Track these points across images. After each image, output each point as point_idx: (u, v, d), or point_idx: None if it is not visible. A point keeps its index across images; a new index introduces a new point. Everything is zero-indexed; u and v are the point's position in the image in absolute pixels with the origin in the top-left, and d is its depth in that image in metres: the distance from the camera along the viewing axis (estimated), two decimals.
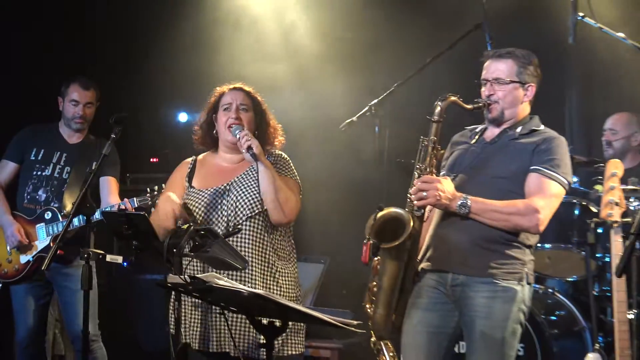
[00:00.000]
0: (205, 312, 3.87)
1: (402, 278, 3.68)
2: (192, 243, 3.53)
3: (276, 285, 3.91)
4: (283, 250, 4.00)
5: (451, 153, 3.93)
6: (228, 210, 3.90)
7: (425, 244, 3.81)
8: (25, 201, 5.14)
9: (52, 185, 5.14)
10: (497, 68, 3.78)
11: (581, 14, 4.97)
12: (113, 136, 4.32)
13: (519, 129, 3.77)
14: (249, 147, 3.82)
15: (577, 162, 4.87)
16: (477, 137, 3.87)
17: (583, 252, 5.26)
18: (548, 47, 5.35)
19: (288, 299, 3.84)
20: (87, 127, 5.30)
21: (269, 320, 3.33)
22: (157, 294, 3.59)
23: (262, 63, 6.28)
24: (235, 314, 3.80)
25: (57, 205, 5.08)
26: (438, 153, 3.74)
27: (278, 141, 4.10)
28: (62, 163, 5.18)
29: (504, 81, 3.75)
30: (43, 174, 5.15)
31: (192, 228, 3.50)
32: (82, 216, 4.65)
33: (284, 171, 4.02)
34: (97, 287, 4.98)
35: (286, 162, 4.07)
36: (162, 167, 6.67)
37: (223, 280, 3.26)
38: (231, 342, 3.79)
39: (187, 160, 4.19)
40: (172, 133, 7.15)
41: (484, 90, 3.80)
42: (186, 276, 3.27)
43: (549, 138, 3.72)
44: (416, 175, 3.68)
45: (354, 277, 5.85)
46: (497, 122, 3.80)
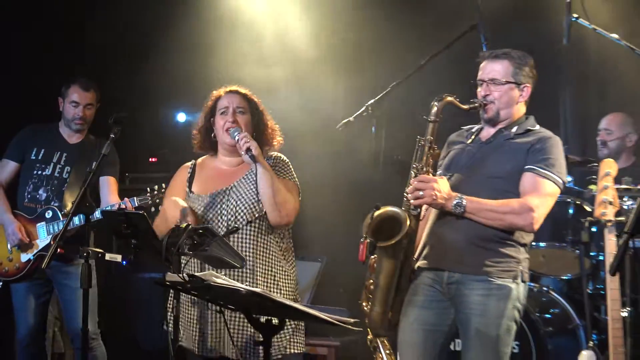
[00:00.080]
0: (203, 311, 3.87)
1: (399, 276, 3.68)
2: (191, 242, 3.53)
3: (276, 287, 3.92)
4: (282, 251, 4.00)
5: (448, 153, 3.93)
6: (228, 215, 3.90)
7: (422, 243, 3.81)
8: (26, 200, 5.14)
9: (52, 184, 5.14)
10: (493, 69, 3.78)
11: (575, 15, 5.00)
12: (112, 136, 4.32)
13: (514, 129, 3.77)
14: (248, 149, 3.82)
15: (571, 162, 4.84)
16: (473, 137, 3.88)
17: (577, 251, 5.25)
18: (543, 47, 5.32)
19: (288, 300, 3.82)
20: (87, 127, 5.30)
21: (267, 318, 3.35)
22: (156, 292, 3.59)
23: (259, 64, 6.27)
24: (233, 314, 3.81)
25: (57, 205, 5.08)
26: (434, 153, 3.74)
27: (276, 142, 4.10)
28: (62, 163, 5.18)
29: (499, 82, 3.76)
30: (43, 173, 5.15)
31: (190, 227, 3.51)
32: (82, 215, 4.66)
33: (283, 173, 4.02)
34: (96, 285, 4.97)
35: (285, 164, 4.07)
36: (160, 167, 6.68)
37: (221, 278, 3.26)
38: (229, 341, 3.80)
39: (186, 165, 4.18)
40: (171, 133, 7.12)
41: (480, 91, 3.81)
42: (184, 274, 3.28)
43: (543, 138, 3.72)
44: (413, 174, 3.68)
45: (350, 276, 5.86)
46: (492, 122, 3.80)
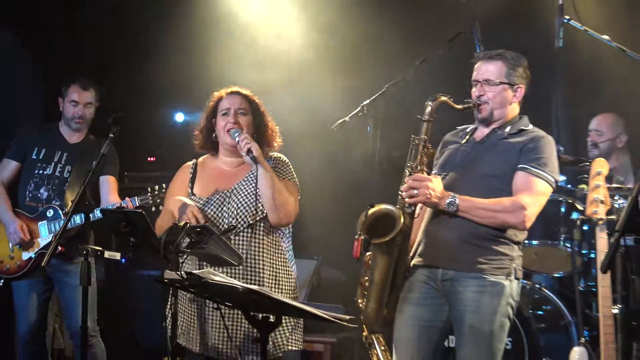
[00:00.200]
0: (202, 308, 3.89)
1: (393, 273, 3.70)
2: (189, 240, 3.55)
3: (278, 286, 3.94)
4: (283, 250, 4.02)
5: (443, 152, 3.94)
6: (229, 218, 3.91)
7: (417, 241, 3.83)
8: (27, 199, 5.16)
9: (53, 183, 5.15)
10: (487, 69, 3.80)
11: (567, 17, 5.00)
12: (111, 136, 4.34)
13: (507, 129, 3.79)
14: (249, 150, 3.83)
15: (563, 161, 4.85)
16: (467, 137, 3.89)
17: (569, 249, 5.25)
18: (535, 49, 5.29)
19: (288, 298, 3.84)
20: (87, 127, 5.31)
21: (264, 315, 3.37)
22: (155, 289, 3.62)
23: (254, 65, 6.26)
24: (232, 311, 3.83)
25: (58, 204, 5.10)
26: (429, 151, 3.76)
27: (277, 143, 4.11)
28: (63, 162, 5.19)
29: (493, 82, 3.77)
30: (44, 172, 5.17)
31: (188, 225, 3.52)
32: (82, 214, 4.69)
33: (283, 174, 4.03)
34: (96, 283, 4.99)
35: (285, 164, 4.08)
36: (158, 166, 6.71)
37: (219, 276, 3.28)
38: (227, 338, 3.82)
39: (187, 164, 4.18)
40: (169, 133, 7.12)
41: (474, 91, 3.82)
42: (182, 272, 3.30)
43: (536, 137, 3.74)
44: (407, 173, 3.70)
45: (346, 274, 5.90)
46: (486, 122, 3.82)
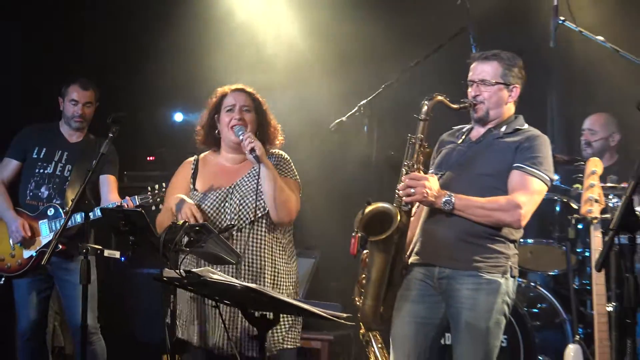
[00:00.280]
0: (201, 306, 3.91)
1: (390, 270, 3.71)
2: (187, 238, 3.57)
3: (278, 283, 3.96)
4: (284, 247, 4.04)
5: (439, 152, 3.96)
6: (231, 214, 3.93)
7: (414, 239, 3.85)
8: (28, 198, 5.17)
9: (54, 182, 5.17)
10: (483, 70, 3.82)
11: (562, 18, 5.02)
12: (111, 135, 4.37)
13: (503, 128, 3.81)
14: (252, 149, 3.84)
15: (558, 161, 4.86)
16: (463, 136, 3.91)
17: (564, 247, 5.27)
18: (531, 49, 5.32)
19: (288, 295, 3.88)
20: (87, 126, 5.33)
21: (261, 313, 3.39)
22: (154, 287, 3.65)
23: (253, 65, 6.27)
24: (231, 309, 3.86)
25: (59, 202, 5.11)
26: (425, 150, 3.77)
27: (279, 140, 4.13)
28: (63, 161, 5.21)
29: (489, 82, 3.79)
30: (45, 171, 5.18)
31: (187, 224, 3.54)
32: (83, 213, 4.67)
33: (285, 172, 4.05)
34: (96, 281, 5.01)
35: (287, 162, 4.10)
36: (158, 166, 6.69)
37: (217, 274, 3.30)
38: (226, 335, 3.84)
39: (189, 160, 4.19)
40: (168, 132, 7.13)
41: (470, 91, 3.84)
42: (181, 270, 3.32)
43: (531, 137, 3.76)
44: (404, 172, 3.71)
45: (344, 272, 5.92)
46: (482, 121, 3.85)
